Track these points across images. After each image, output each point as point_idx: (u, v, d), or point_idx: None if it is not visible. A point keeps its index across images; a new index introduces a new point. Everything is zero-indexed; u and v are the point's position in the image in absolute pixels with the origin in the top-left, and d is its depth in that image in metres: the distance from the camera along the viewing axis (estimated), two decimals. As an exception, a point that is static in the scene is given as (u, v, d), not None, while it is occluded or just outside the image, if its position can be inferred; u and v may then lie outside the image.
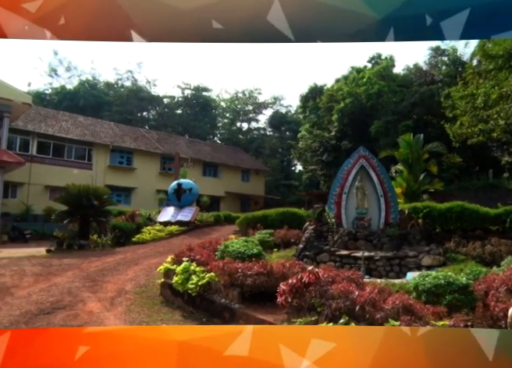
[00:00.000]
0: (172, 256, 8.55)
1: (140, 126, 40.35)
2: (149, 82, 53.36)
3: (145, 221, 19.09)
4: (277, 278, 6.12)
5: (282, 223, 13.02)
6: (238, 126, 54.45)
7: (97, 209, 15.98)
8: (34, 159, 24.90)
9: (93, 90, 46.92)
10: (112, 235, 15.93)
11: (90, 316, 6.37)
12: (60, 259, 11.92)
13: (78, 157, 27.45)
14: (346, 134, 29.69)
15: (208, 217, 20.95)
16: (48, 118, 27.83)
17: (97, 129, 30.47)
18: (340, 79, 33.99)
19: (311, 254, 9.11)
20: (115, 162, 29.23)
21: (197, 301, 6.75)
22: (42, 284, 8.51)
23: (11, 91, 20.62)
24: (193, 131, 46.97)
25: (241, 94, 54.46)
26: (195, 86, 51.48)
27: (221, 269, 6.63)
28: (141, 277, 9.41)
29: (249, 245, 8.21)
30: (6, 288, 8.03)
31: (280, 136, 50.78)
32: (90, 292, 7.86)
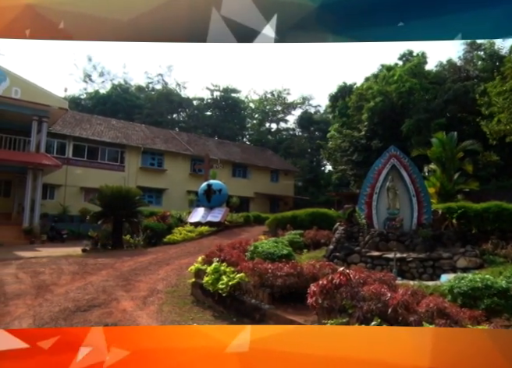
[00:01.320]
0: (202, 257, 8.64)
1: (170, 128, 41.07)
2: (179, 84, 54.32)
3: (176, 221, 19.38)
4: (307, 279, 6.08)
5: (311, 223, 12.94)
6: (267, 127, 54.49)
7: (130, 210, 16.35)
8: (70, 162, 25.80)
9: (125, 94, 48.14)
10: (144, 235, 16.28)
11: (124, 314, 6.52)
12: (95, 258, 12.29)
13: (111, 160, 28.24)
14: (377, 133, 29.15)
15: (237, 218, 21.06)
16: (82, 122, 28.78)
17: (129, 131, 31.24)
18: (370, 77, 33.44)
19: (342, 255, 9.00)
20: (146, 164, 29.87)
21: (228, 301, 6.79)
22: (78, 282, 8.80)
23: (49, 97, 21.46)
24: (223, 132, 47.37)
25: (270, 95, 54.52)
26: (224, 88, 51.94)
27: (251, 269, 6.64)
28: (172, 276, 9.56)
29: (279, 245, 8.20)
30: (46, 285, 8.36)
31: (309, 137, 50.45)
32: (123, 291, 8.06)
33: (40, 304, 6.90)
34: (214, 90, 52.20)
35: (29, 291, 7.78)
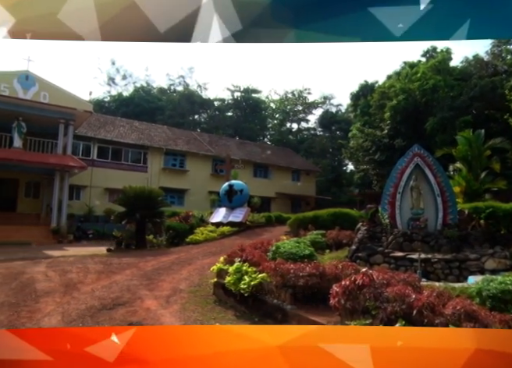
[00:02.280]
0: (224, 257, 8.69)
1: (191, 129, 41.47)
2: (200, 86, 54.78)
3: (198, 221, 19.54)
4: (329, 280, 6.04)
5: (333, 224, 12.84)
6: (288, 127, 54.35)
7: (153, 210, 16.59)
8: (95, 163, 26.38)
9: (147, 96, 48.89)
10: (167, 235, 16.48)
11: (148, 313, 6.62)
12: (119, 258, 12.52)
13: (134, 161, 28.73)
14: (400, 132, 28.68)
15: (259, 218, 21.07)
16: (106, 125, 29.40)
17: (152, 133, 31.71)
18: (392, 75, 32.94)
19: (364, 255, 8.89)
20: (168, 165, 30.25)
21: (250, 301, 6.81)
22: (104, 281, 8.98)
23: (75, 101, 22.03)
24: (244, 133, 47.52)
25: (290, 95, 54.34)
26: (245, 88, 52.08)
27: (273, 270, 6.64)
28: (195, 276, 9.65)
29: (301, 246, 8.17)
30: (73, 283, 8.58)
31: (330, 136, 50.08)
32: (147, 290, 8.18)
33: (68, 302, 7.08)
34: (234, 91, 52.47)
35: (57, 289, 8.00)
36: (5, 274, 9.43)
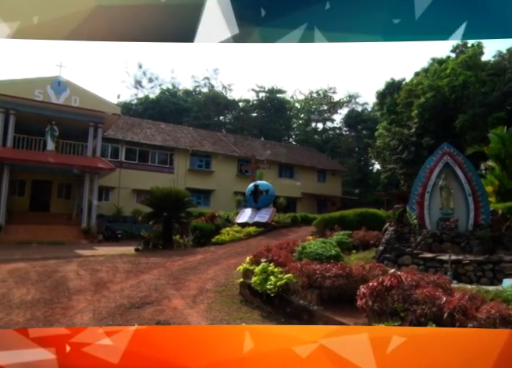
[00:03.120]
0: (250, 257, 8.71)
1: (217, 130, 41.80)
2: (225, 87, 55.15)
3: (224, 222, 19.67)
4: (356, 281, 5.97)
5: (360, 224, 12.68)
6: (313, 127, 54.03)
7: (179, 211, 16.81)
8: (123, 165, 26.97)
9: (173, 98, 49.60)
10: (193, 235, 16.67)
11: (175, 312, 6.71)
12: (147, 257, 12.76)
13: (161, 162, 29.22)
14: (428, 130, 27.99)
15: (284, 218, 21.03)
16: (134, 127, 30.01)
17: (178, 134, 32.16)
18: (420, 72, 32.19)
19: (392, 256, 8.72)
20: (194, 166, 30.59)
21: (276, 301, 6.80)
22: (132, 280, 9.17)
23: (103, 104, 22.61)
24: (269, 133, 47.53)
25: (315, 94, 53.98)
26: (269, 89, 52.11)
27: (299, 270, 6.62)
28: (221, 276, 9.72)
29: (327, 246, 8.10)
30: (103, 282, 8.80)
31: (356, 135, 49.45)
32: (174, 290, 8.29)
33: (99, 300, 7.27)
34: (259, 92, 52.57)
35: (88, 288, 8.23)
36: (40, 272, 9.78)
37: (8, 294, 7.56)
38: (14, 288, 8.02)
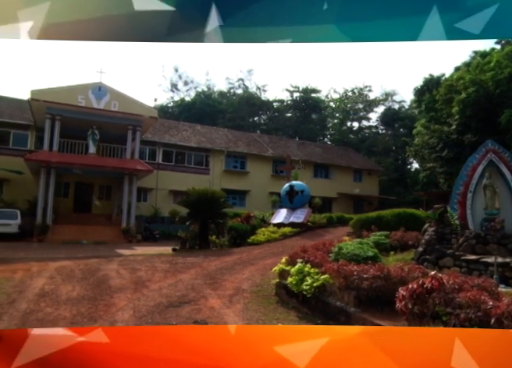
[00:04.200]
0: (286, 257, 8.70)
1: (251, 131, 42.01)
2: (259, 88, 55.32)
3: (259, 222, 19.75)
4: (395, 283, 5.82)
5: (398, 224, 12.39)
6: (348, 126, 53.24)
7: (215, 211, 17.02)
8: (160, 166, 27.64)
9: (208, 100, 50.29)
10: (229, 236, 16.83)
11: (212, 311, 6.80)
12: (184, 257, 13.00)
13: (197, 163, 29.72)
14: (470, 127, 26.86)
15: (320, 219, 20.86)
16: (170, 129, 30.68)
17: (213, 136, 32.58)
18: (461, 66, 30.97)
19: (432, 258, 8.45)
20: (229, 166, 30.89)
21: (312, 302, 6.75)
22: (170, 279, 9.37)
23: (141, 108, 23.28)
24: (303, 133, 47.27)
25: (350, 93, 53.19)
26: (303, 89, 51.82)
27: (335, 271, 6.54)
28: (257, 276, 9.75)
29: (364, 247, 7.96)
30: (142, 281, 9.05)
31: (393, 134, 48.25)
32: (210, 289, 8.40)
33: (139, 298, 7.48)
34: (293, 92, 52.38)
35: (128, 286, 8.48)
36: (84, 270, 10.20)
37: (56, 290, 7.94)
38: (61, 285, 8.41)
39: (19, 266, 10.62)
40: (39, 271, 9.89)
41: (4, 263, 11.21)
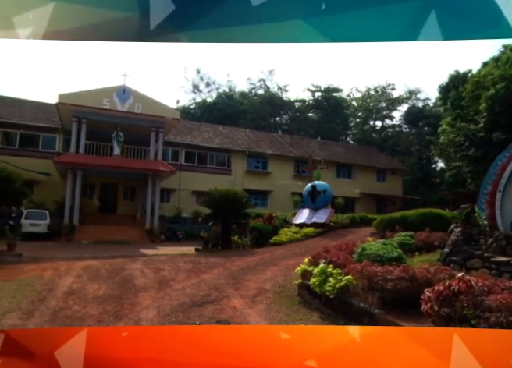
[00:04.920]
0: (308, 258, 8.66)
1: (273, 131, 41.98)
2: (280, 88, 55.19)
3: (281, 222, 19.71)
4: (420, 284, 5.71)
5: (423, 225, 12.15)
6: (371, 125, 52.53)
7: (237, 212, 17.07)
8: (183, 167, 27.93)
9: (229, 101, 50.50)
10: (251, 236, 16.85)
11: (235, 311, 6.83)
12: (207, 257, 13.10)
13: (219, 164, 29.90)
14: (499, 124, 26.04)
15: (343, 219, 20.67)
16: (192, 130, 30.98)
17: (235, 136, 32.71)
18: (489, 62, 30.09)
19: (459, 259, 8.24)
20: (251, 167, 30.95)
21: (335, 303, 6.70)
22: (193, 279, 9.46)
23: (164, 109, 23.61)
24: (325, 133, 46.93)
25: (373, 92, 52.43)
26: (325, 88, 51.43)
27: (359, 272, 6.46)
28: (279, 277, 9.74)
29: (388, 248, 7.84)
30: (166, 281, 9.17)
31: (418, 133, 47.29)
32: (233, 289, 8.44)
33: (162, 297, 7.59)
34: (315, 91, 52.03)
35: (152, 286, 8.61)
36: (109, 269, 10.41)
37: (83, 289, 8.14)
38: (88, 284, 8.62)
39: (49, 265, 10.94)
40: (67, 270, 10.16)
41: (35, 261, 11.58)
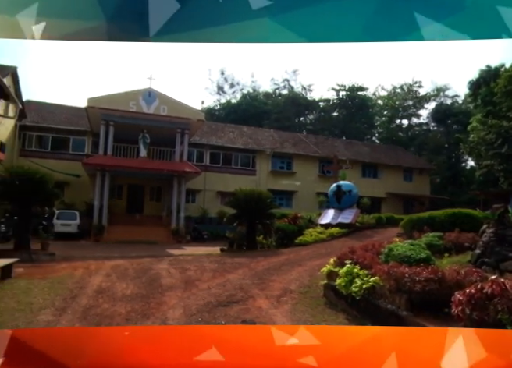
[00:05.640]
0: (334, 259, 8.58)
1: (298, 131, 41.79)
2: (304, 88, 54.92)
3: (306, 223, 19.62)
4: (450, 286, 5.56)
5: (452, 225, 11.84)
6: (397, 124, 51.56)
7: (262, 212, 17.10)
8: (208, 168, 28.18)
9: (254, 102, 50.60)
10: (276, 236, 16.84)
11: (260, 311, 6.84)
12: (232, 257, 13.18)
13: (243, 165, 30.02)
14: (533, 121, 25.14)
15: (369, 219, 20.41)
16: (217, 131, 31.22)
17: (259, 137, 32.77)
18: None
19: (492, 261, 7.98)
20: (276, 167, 30.93)
21: (362, 305, 6.61)
22: (218, 279, 9.54)
23: (189, 111, 23.91)
24: (350, 132, 46.39)
25: (399, 90, 51.47)
26: (350, 87, 50.85)
27: (386, 273, 6.35)
28: (305, 277, 9.69)
29: (416, 248, 7.68)
30: (192, 281, 9.28)
31: (446, 131, 46.08)
32: (258, 289, 8.45)
33: (188, 297, 7.68)
34: (339, 90, 51.51)
35: (178, 285, 8.73)
36: (137, 269, 10.63)
37: (112, 287, 8.34)
38: (116, 283, 8.83)
39: (79, 264, 11.27)
40: (96, 269, 10.42)
41: (66, 260, 11.95)
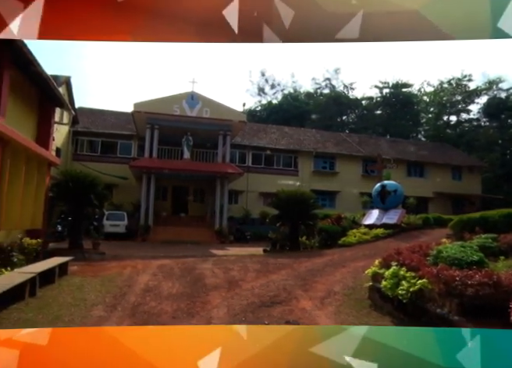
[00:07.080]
0: (379, 260, 8.37)
1: (340, 131, 41.18)
2: (346, 86, 54.03)
3: (350, 223, 19.30)
4: (507, 291, 5.26)
5: (507, 226, 11.22)
6: (445, 120, 49.49)
7: (305, 212, 16.99)
8: (250, 169, 28.37)
9: (295, 102, 50.38)
10: (319, 237, 16.68)
11: (303, 313, 6.80)
12: (275, 258, 13.19)
13: (285, 165, 29.96)
14: None
15: (415, 220, 19.76)
16: (259, 132, 31.37)
17: (301, 137, 32.58)
18: None
19: (553, 265, 7.47)
20: (318, 167, 30.63)
21: (409, 308, 6.40)
22: (262, 279, 9.58)
23: (231, 113, 24.20)
24: (395, 130, 45.08)
25: (447, 84, 49.34)
26: (393, 84, 49.47)
27: (435, 276, 6.12)
28: (349, 279, 9.54)
29: (467, 250, 7.33)
30: (235, 280, 9.39)
31: (499, 126, 43.65)
32: (301, 290, 8.41)
33: (232, 296, 7.78)
34: (383, 88, 50.26)
35: (222, 285, 8.86)
36: (182, 268, 10.90)
37: (158, 286, 8.61)
38: (163, 281, 9.10)
39: (127, 263, 11.72)
40: (144, 268, 10.79)
41: (115, 259, 12.47)
